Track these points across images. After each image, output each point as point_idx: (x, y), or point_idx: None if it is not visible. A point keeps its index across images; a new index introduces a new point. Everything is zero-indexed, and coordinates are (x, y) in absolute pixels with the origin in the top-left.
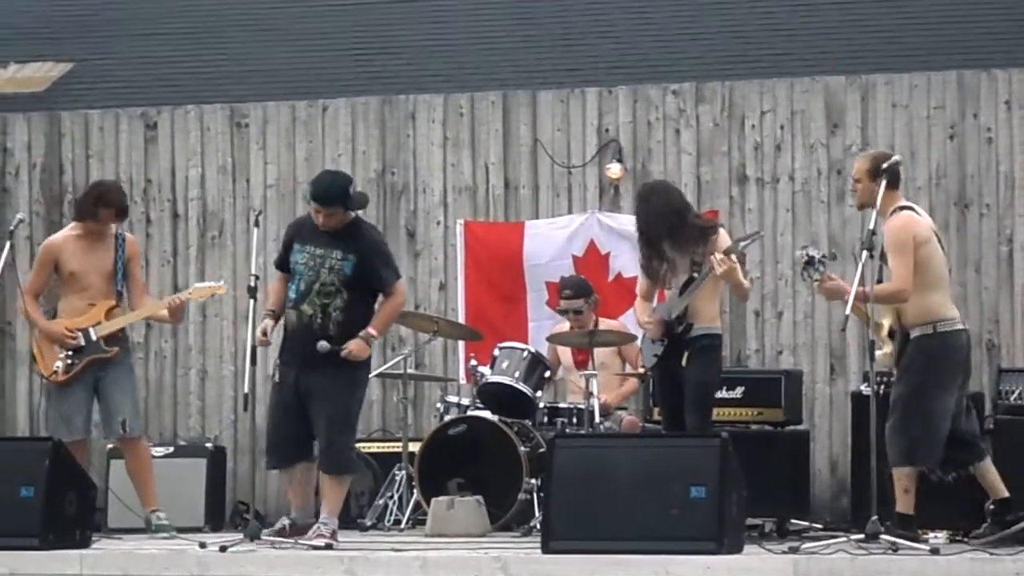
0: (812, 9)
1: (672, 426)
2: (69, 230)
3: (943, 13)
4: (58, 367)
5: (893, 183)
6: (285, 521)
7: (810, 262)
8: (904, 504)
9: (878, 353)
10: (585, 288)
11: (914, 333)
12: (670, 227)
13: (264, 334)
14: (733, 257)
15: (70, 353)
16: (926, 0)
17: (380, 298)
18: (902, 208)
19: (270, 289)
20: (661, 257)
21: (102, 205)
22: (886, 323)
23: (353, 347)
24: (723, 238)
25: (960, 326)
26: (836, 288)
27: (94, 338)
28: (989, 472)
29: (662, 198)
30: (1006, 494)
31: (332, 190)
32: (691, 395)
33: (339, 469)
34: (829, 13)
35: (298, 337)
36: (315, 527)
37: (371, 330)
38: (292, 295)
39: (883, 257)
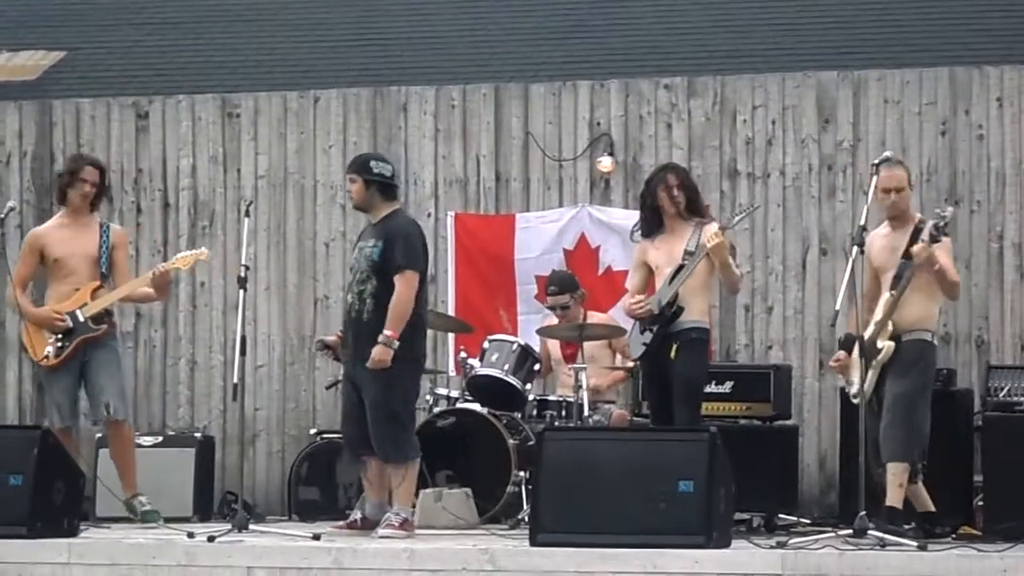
0: (804, 4)
1: (660, 420)
2: (55, 219)
3: (935, 10)
4: (48, 352)
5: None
6: (357, 515)
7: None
8: (895, 498)
9: (852, 388)
10: (570, 283)
11: (914, 336)
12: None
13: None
14: (726, 234)
15: (60, 336)
16: None
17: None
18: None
19: None
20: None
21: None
22: (884, 346)
23: (375, 354)
24: (713, 227)
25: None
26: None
27: (82, 319)
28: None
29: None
30: (932, 508)
31: (356, 159)
32: (679, 389)
33: (390, 457)
34: (821, 9)
35: (348, 328)
36: (385, 518)
37: (387, 332)
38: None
39: (907, 253)
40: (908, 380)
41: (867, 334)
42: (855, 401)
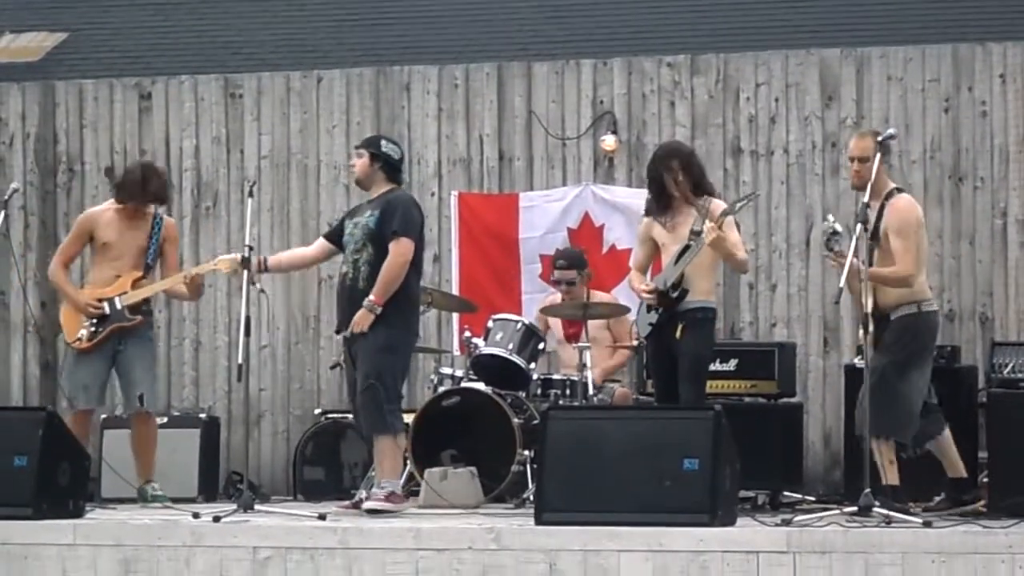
0: None
1: (665, 398)
2: (110, 204)
3: None
4: (82, 334)
5: (886, 160)
6: (362, 494)
7: (835, 233)
8: (891, 476)
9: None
10: (579, 260)
11: (899, 312)
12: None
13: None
14: (722, 225)
15: (95, 321)
16: None
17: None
18: (898, 190)
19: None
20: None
21: (148, 192)
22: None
23: (357, 318)
24: (717, 205)
25: (935, 307)
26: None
27: (119, 307)
28: (950, 447)
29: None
30: (964, 474)
31: (369, 137)
32: (685, 367)
33: (376, 427)
34: None
35: (340, 297)
36: (371, 491)
37: (371, 297)
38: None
39: (874, 236)
40: (882, 355)
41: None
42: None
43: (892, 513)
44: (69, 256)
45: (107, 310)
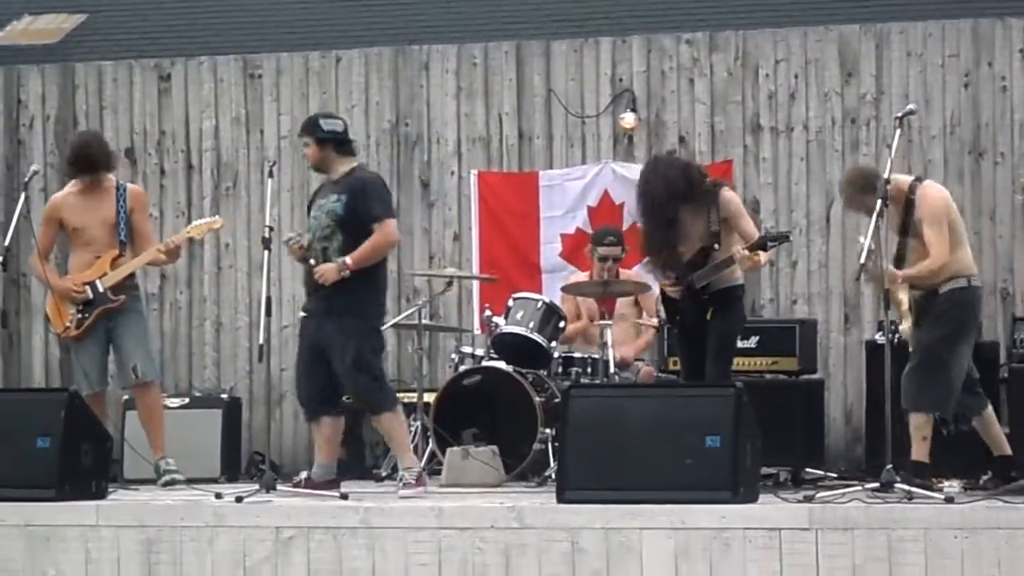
0: None
1: (691, 376)
2: (70, 186)
3: None
4: (70, 323)
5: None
6: (303, 475)
7: (870, 252)
8: (920, 452)
9: (902, 327)
10: (622, 237)
11: (948, 286)
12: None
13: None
14: (758, 254)
15: (80, 307)
16: None
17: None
18: (917, 179)
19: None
20: (675, 231)
21: (74, 163)
22: (904, 297)
23: (324, 269)
24: (727, 196)
25: (980, 282)
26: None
27: (101, 289)
28: (992, 425)
29: (662, 176)
30: (1009, 451)
31: (304, 123)
32: (714, 344)
33: (380, 406)
34: None
35: (308, 287)
36: (399, 477)
37: (346, 259)
38: (307, 248)
39: (905, 232)
40: (928, 330)
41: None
42: (902, 332)
43: (914, 489)
44: (45, 247)
45: (90, 294)
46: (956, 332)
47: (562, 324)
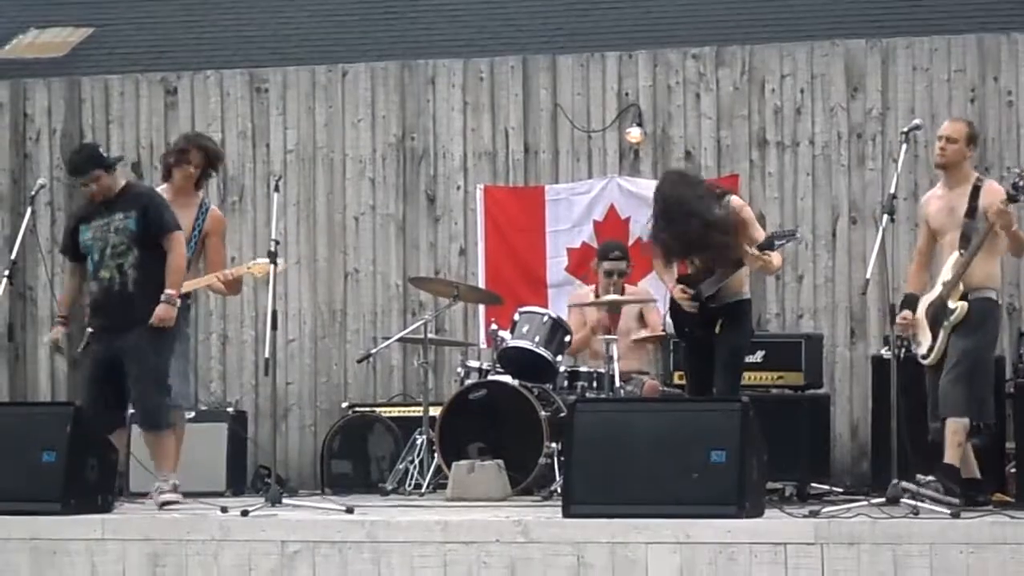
0: None
1: (698, 391)
2: (163, 187)
3: None
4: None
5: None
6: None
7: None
8: (953, 456)
9: (922, 349)
10: (627, 252)
11: (979, 294)
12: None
13: (56, 343)
14: (767, 253)
15: None
16: None
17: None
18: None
19: (64, 288)
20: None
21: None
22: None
23: (160, 311)
24: (737, 203)
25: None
26: None
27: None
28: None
29: (676, 193)
30: (978, 474)
31: (83, 160)
32: (723, 358)
33: (159, 424)
34: None
35: (101, 304)
36: (155, 487)
37: (169, 291)
38: (90, 268)
39: (970, 215)
40: (975, 338)
41: (934, 295)
42: (924, 362)
43: (920, 503)
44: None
45: None
46: (990, 342)
47: (568, 338)
